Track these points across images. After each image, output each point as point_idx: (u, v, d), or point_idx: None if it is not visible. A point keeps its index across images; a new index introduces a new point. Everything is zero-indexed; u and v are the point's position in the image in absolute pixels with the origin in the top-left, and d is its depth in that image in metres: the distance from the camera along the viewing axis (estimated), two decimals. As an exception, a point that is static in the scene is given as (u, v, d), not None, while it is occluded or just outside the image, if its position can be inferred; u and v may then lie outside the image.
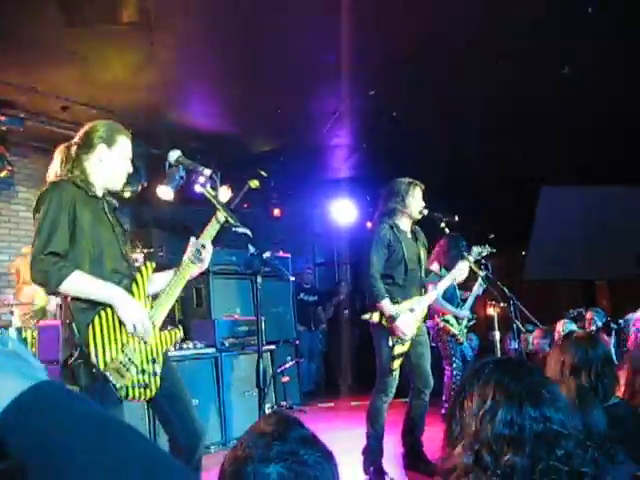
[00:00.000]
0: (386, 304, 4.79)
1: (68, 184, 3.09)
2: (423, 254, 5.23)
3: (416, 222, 5.22)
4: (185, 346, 6.58)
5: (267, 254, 2.98)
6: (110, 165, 3.26)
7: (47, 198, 3.02)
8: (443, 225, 5.06)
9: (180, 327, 6.01)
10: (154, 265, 3.35)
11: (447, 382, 7.18)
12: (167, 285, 3.31)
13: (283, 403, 7.48)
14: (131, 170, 3.39)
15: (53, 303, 6.59)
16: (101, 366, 2.91)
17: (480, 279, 6.04)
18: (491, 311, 12.41)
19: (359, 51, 6.04)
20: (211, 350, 6.70)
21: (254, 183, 9.35)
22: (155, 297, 3.29)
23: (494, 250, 5.52)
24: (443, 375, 7.21)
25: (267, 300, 7.68)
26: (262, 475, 1.16)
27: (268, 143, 9.06)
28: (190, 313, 7.83)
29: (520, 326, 5.03)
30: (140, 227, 9.57)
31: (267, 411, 6.46)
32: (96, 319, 2.96)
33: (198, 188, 3.20)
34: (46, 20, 5.35)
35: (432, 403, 5.27)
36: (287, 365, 7.40)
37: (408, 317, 4.85)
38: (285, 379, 7.34)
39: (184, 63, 6.45)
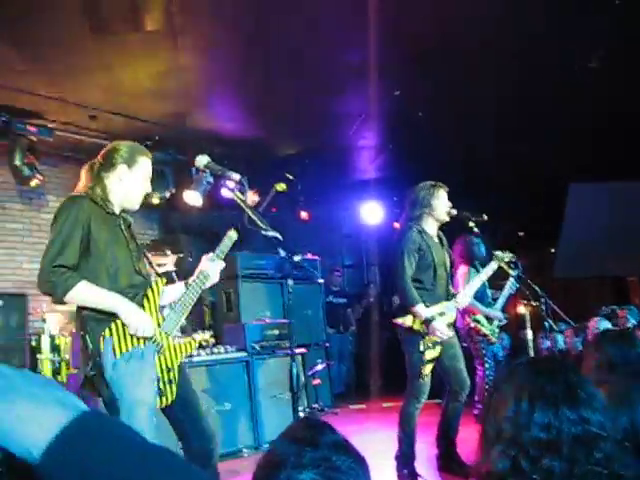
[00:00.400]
0: (421, 308, 4.78)
1: (85, 200, 3.23)
2: (448, 258, 5.21)
3: (442, 224, 5.19)
4: (216, 350, 6.61)
5: (298, 257, 2.98)
6: (129, 185, 3.40)
7: (64, 213, 3.17)
8: (472, 225, 5.02)
9: (205, 333, 6.10)
10: (165, 280, 3.49)
11: (479, 382, 7.14)
12: (179, 298, 3.49)
13: (315, 406, 7.48)
14: (150, 190, 3.53)
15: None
16: (108, 373, 2.98)
17: (511, 279, 5.99)
18: (522, 310, 12.34)
19: (384, 51, 6.02)
20: (242, 354, 6.72)
21: (281, 187, 9.36)
22: (170, 309, 3.47)
23: (514, 257, 5.48)
24: (475, 375, 7.16)
25: (297, 303, 7.68)
26: None
27: (294, 146, 9.07)
28: (220, 318, 7.87)
29: (553, 325, 4.98)
30: (168, 233, 9.64)
31: (300, 414, 6.48)
32: (107, 331, 3.06)
33: (227, 193, 3.22)
34: (72, 31, 5.41)
35: (464, 404, 5.24)
36: (318, 368, 7.40)
37: (439, 321, 4.84)
38: (316, 382, 7.35)
39: (209, 68, 6.49)
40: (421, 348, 4.77)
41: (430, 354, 4.80)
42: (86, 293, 3.05)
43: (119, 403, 2.91)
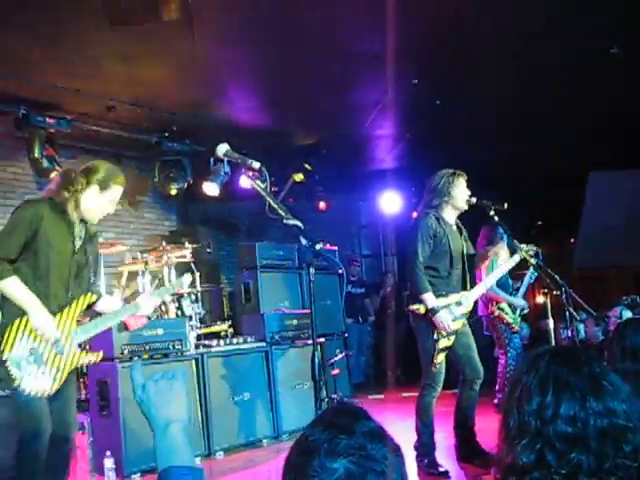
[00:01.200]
0: (429, 297, 4.76)
1: (44, 203, 3.63)
2: (466, 247, 5.17)
3: (464, 213, 5.15)
4: (235, 341, 6.63)
5: (319, 245, 2.96)
6: (96, 205, 3.79)
7: (17, 211, 3.62)
8: (492, 213, 4.98)
9: (224, 324, 6.18)
10: (94, 296, 3.85)
11: (501, 371, 7.11)
12: (102, 317, 3.87)
13: (333, 396, 7.47)
14: (112, 212, 3.93)
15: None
16: (5, 352, 3.44)
17: (531, 267, 5.95)
18: (540, 300, 12.27)
19: (401, 39, 5.97)
20: (261, 344, 6.74)
21: (298, 177, 9.35)
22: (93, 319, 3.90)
23: (539, 250, 5.44)
24: (496, 364, 7.13)
25: (315, 293, 7.67)
26: (329, 470, 1.13)
27: (311, 136, 9.05)
28: (239, 308, 7.88)
29: (574, 314, 4.93)
30: (186, 224, 9.66)
31: (323, 403, 6.47)
32: (17, 320, 3.51)
33: (246, 182, 3.21)
34: (90, 22, 5.41)
35: (484, 393, 5.22)
36: (337, 358, 7.39)
37: (454, 312, 4.82)
38: (335, 372, 7.34)
39: (226, 58, 6.47)
40: (435, 336, 4.75)
41: (443, 343, 4.77)
42: (11, 288, 3.48)
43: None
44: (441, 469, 4.82)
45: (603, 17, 5.80)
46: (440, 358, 4.78)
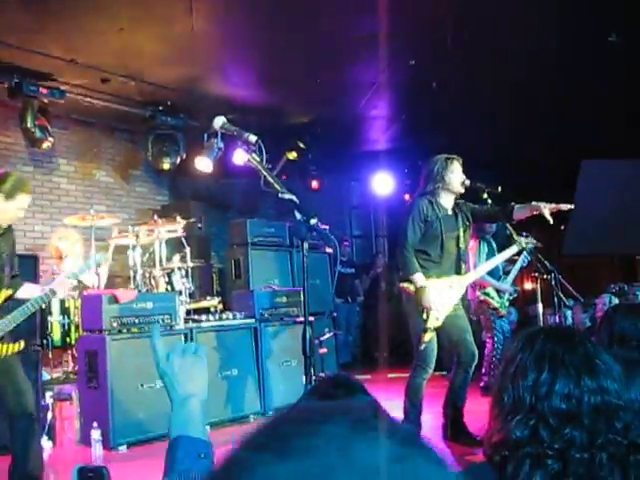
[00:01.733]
0: (418, 277, 4.79)
1: None
2: (463, 231, 5.16)
3: (459, 196, 5.16)
4: (224, 317, 6.64)
5: (314, 220, 2.96)
6: (2, 211, 3.97)
7: None
8: (485, 196, 4.99)
9: (214, 299, 6.32)
10: (9, 292, 4.07)
11: (487, 355, 7.16)
12: (18, 309, 4.01)
13: (321, 374, 7.51)
14: (22, 216, 4.18)
15: (90, 278, 6.71)
16: None
17: (524, 252, 5.98)
18: (529, 285, 12.33)
19: (398, 20, 5.94)
20: (250, 321, 6.75)
21: (292, 155, 9.34)
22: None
23: (539, 245, 5.46)
24: (483, 348, 7.17)
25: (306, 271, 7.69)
26: None
27: (306, 114, 9.02)
28: (228, 285, 7.89)
29: (564, 299, 4.97)
30: (178, 199, 9.63)
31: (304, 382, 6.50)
32: None
33: (242, 156, 3.19)
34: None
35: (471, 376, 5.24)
36: (325, 337, 7.42)
37: (444, 294, 4.85)
38: (323, 350, 7.36)
39: (222, 33, 6.44)
40: (424, 315, 4.78)
41: (432, 322, 4.80)
42: None
43: None
44: None
45: (601, 5, 5.79)
46: (428, 337, 4.81)
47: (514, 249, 5.25)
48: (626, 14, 5.97)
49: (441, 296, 4.85)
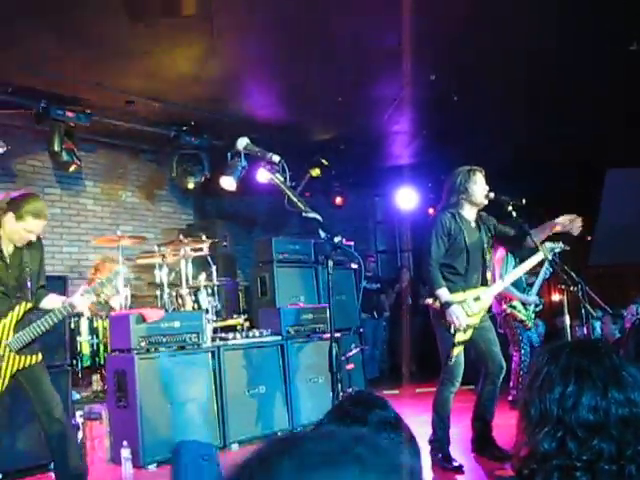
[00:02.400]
0: (443, 292, 4.78)
1: None
2: (487, 243, 5.15)
3: (482, 208, 5.15)
4: (251, 334, 6.67)
5: (338, 238, 2.98)
6: (12, 230, 4.14)
7: None
8: (510, 208, 4.97)
9: (240, 317, 6.40)
10: (29, 305, 4.21)
11: (514, 368, 7.11)
12: (39, 321, 4.15)
13: (349, 390, 7.50)
14: (33, 239, 4.23)
15: (117, 300, 6.80)
16: None
17: (547, 263, 5.95)
18: (556, 297, 12.23)
19: (419, 35, 5.97)
20: (277, 338, 6.77)
21: (315, 172, 9.38)
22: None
23: (567, 247, 5.41)
24: (510, 361, 7.12)
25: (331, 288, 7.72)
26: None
27: (328, 131, 9.06)
28: (255, 302, 7.92)
29: (591, 311, 4.92)
30: (203, 218, 9.71)
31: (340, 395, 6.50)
32: None
33: (265, 175, 3.22)
34: (110, 16, 5.45)
35: (499, 390, 5.21)
36: (351, 353, 7.42)
37: (470, 306, 4.84)
38: (350, 366, 7.36)
39: (245, 53, 6.50)
40: (451, 330, 4.77)
41: (460, 337, 4.78)
42: None
43: None
44: (455, 463, 4.84)
45: (622, 14, 5.78)
46: (456, 352, 4.80)
47: (538, 257, 5.21)
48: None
49: (467, 309, 4.84)
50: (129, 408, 5.50)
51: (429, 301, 4.90)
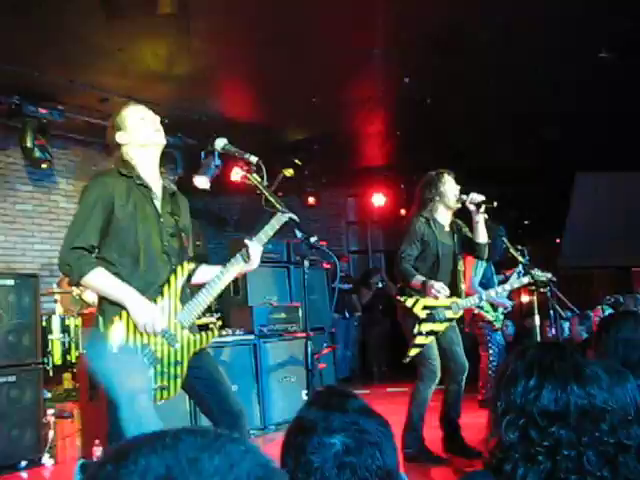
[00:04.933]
0: (418, 278, 4.81)
1: (110, 176, 3.13)
2: (458, 252, 5.17)
3: (456, 213, 5.20)
4: (224, 333, 6.67)
5: (314, 238, 3.01)
6: (134, 141, 3.25)
7: (86, 191, 3.11)
8: (482, 210, 5.03)
9: (216, 323, 6.09)
10: (191, 265, 3.34)
11: (483, 368, 7.20)
12: (206, 286, 3.29)
13: (320, 389, 7.54)
14: (158, 126, 3.36)
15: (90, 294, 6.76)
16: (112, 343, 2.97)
17: (519, 266, 6.04)
18: (526, 298, 12.38)
19: (393, 38, 6.04)
20: (249, 337, 6.78)
21: (288, 172, 9.40)
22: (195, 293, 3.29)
23: (554, 279, 5.49)
24: (479, 361, 7.21)
25: (303, 288, 7.75)
26: (327, 445, 1.22)
27: (302, 131, 9.11)
28: (227, 301, 7.92)
29: (560, 311, 5.02)
30: (176, 217, 9.67)
31: (305, 397, 6.53)
32: (116, 317, 3.00)
33: (241, 175, 3.23)
34: (85, 14, 5.44)
35: (468, 390, 5.27)
36: (323, 352, 7.46)
37: (440, 314, 4.90)
38: (322, 366, 7.40)
39: (219, 53, 6.52)
40: (414, 331, 4.82)
41: (420, 339, 4.83)
42: (98, 281, 2.99)
43: (115, 395, 2.87)
44: (433, 454, 4.91)
45: (594, 21, 5.90)
46: (412, 352, 4.84)
47: (525, 280, 5.28)
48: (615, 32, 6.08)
49: (438, 316, 4.89)
50: (101, 406, 5.45)
51: (401, 299, 4.94)
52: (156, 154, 3.32)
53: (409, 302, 4.89)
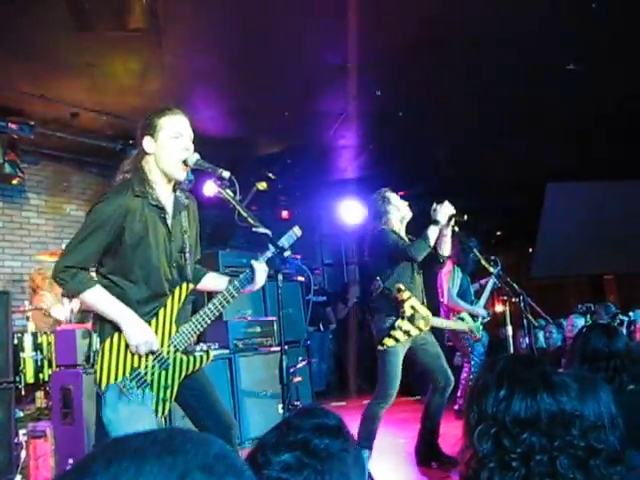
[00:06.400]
0: (430, 228, 4.89)
1: (123, 195, 3.02)
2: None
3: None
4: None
5: (288, 253, 3.01)
6: (159, 153, 3.12)
7: (94, 209, 3.04)
8: (452, 223, 5.09)
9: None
10: (191, 286, 3.23)
11: (465, 378, 7.23)
12: (205, 309, 3.22)
13: (296, 403, 7.52)
14: (189, 146, 3.18)
15: (60, 311, 6.71)
16: (102, 386, 2.94)
17: (493, 276, 6.11)
18: (499, 308, 12.47)
19: (365, 51, 6.08)
20: (225, 351, 6.76)
21: (262, 185, 9.40)
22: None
23: (498, 259, 5.56)
24: (459, 372, 7.24)
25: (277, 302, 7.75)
26: (272, 464, 1.18)
27: (275, 145, 9.11)
28: (202, 315, 7.87)
29: (533, 321, 5.07)
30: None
31: (280, 411, 6.51)
32: (107, 340, 2.98)
33: (214, 189, 3.22)
34: (55, 28, 5.42)
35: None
36: (299, 365, 7.44)
37: (417, 319, 4.91)
38: (297, 379, 7.39)
39: (191, 67, 6.52)
40: (395, 324, 4.83)
41: (397, 334, 4.81)
42: (94, 300, 2.97)
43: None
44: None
45: (563, 34, 5.99)
46: (390, 343, 4.82)
47: (493, 281, 5.38)
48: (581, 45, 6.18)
49: (416, 321, 4.91)
50: (75, 425, 5.41)
51: (386, 342, 4.88)
52: (172, 180, 3.20)
53: (406, 294, 4.90)
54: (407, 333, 4.87)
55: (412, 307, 4.90)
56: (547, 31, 5.94)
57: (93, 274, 3.08)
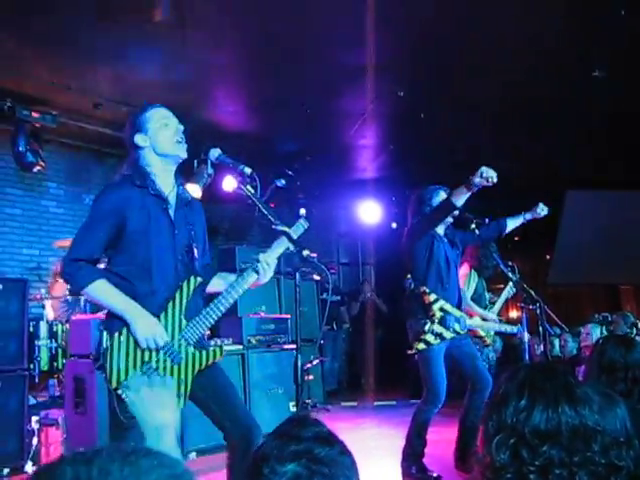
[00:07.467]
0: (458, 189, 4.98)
1: (124, 187, 3.06)
2: (457, 259, 5.23)
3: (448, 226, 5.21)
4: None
5: (307, 252, 3.00)
6: (154, 139, 3.17)
7: (97, 201, 3.08)
8: (473, 226, 5.06)
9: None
10: (199, 279, 3.15)
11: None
12: (215, 301, 3.18)
13: (307, 401, 7.53)
14: (179, 127, 3.28)
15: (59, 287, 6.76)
16: (113, 383, 2.92)
17: (510, 283, 6.07)
18: (514, 314, 12.41)
19: (387, 51, 6.06)
20: (238, 347, 6.76)
21: (280, 182, 9.41)
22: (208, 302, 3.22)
23: (515, 265, 5.53)
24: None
25: (292, 299, 7.74)
26: (279, 474, 1.21)
27: (295, 142, 9.11)
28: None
29: (549, 329, 5.03)
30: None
31: (292, 409, 6.52)
32: (116, 334, 2.94)
33: (234, 185, 3.20)
34: (79, 18, 5.43)
35: (454, 405, 5.19)
36: (311, 364, 7.44)
37: (452, 321, 4.88)
38: (309, 378, 7.39)
39: (214, 62, 6.52)
40: (425, 328, 4.77)
41: (429, 338, 4.76)
42: (99, 293, 2.94)
43: (142, 426, 2.89)
44: (433, 474, 4.79)
45: (588, 41, 5.94)
46: (421, 346, 4.77)
47: (511, 289, 5.34)
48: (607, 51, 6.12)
49: (451, 323, 4.87)
50: (87, 414, 5.44)
51: (419, 347, 4.83)
52: (174, 164, 3.24)
53: (432, 297, 4.86)
54: (439, 336, 4.81)
55: (441, 309, 4.85)
56: (575, 38, 5.89)
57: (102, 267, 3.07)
